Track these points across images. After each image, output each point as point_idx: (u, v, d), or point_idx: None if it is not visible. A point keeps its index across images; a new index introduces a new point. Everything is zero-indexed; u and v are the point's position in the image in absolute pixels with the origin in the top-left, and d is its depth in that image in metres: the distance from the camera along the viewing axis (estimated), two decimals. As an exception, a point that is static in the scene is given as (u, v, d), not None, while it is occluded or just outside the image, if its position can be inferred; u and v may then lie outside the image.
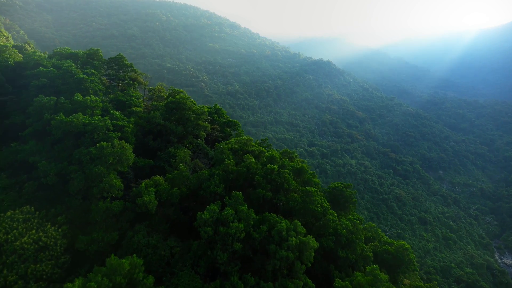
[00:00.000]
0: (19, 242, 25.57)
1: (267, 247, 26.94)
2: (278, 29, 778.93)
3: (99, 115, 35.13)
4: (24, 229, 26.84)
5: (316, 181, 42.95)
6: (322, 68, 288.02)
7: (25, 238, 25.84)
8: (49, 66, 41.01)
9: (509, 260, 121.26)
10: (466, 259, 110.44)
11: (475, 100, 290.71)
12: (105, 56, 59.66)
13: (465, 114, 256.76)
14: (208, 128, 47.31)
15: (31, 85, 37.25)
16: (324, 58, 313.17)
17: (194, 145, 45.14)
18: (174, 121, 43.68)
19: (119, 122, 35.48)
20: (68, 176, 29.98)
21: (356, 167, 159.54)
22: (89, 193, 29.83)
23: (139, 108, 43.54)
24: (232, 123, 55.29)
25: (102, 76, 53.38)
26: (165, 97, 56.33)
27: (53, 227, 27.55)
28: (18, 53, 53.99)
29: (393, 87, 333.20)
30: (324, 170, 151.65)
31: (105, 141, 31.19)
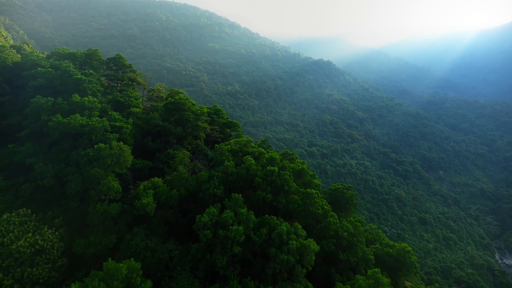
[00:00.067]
0: (15, 245, 25.25)
1: (267, 250, 26.54)
2: (278, 29, 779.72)
3: (97, 116, 34.70)
4: (21, 232, 26.50)
5: (317, 182, 42.50)
6: (322, 68, 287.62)
7: (21, 242, 25.49)
8: (47, 67, 40.60)
9: (509, 261, 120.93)
10: (467, 260, 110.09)
11: (475, 100, 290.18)
12: (105, 56, 59.29)
13: (466, 114, 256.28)
14: (208, 129, 46.92)
15: (28, 86, 36.84)
16: (324, 58, 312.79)
17: (194, 146, 44.75)
18: (173, 122, 43.27)
19: (117, 123, 35.06)
20: (65, 178, 29.60)
21: (356, 168, 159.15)
22: (86, 196, 29.44)
23: (137, 109, 43.13)
24: (231, 123, 54.88)
25: (101, 76, 52.96)
26: (164, 97, 55.93)
27: (50, 230, 27.19)
28: (16, 53, 53.72)
29: (393, 87, 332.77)
30: (324, 171, 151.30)
31: (103, 142, 30.79)
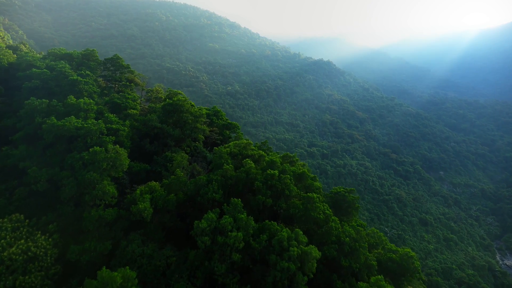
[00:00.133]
0: (7, 252, 24.52)
1: (267, 257, 25.76)
2: (278, 29, 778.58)
3: (93, 118, 33.86)
4: (13, 239, 25.76)
5: (318, 185, 41.73)
6: (322, 68, 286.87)
7: (13, 249, 24.75)
8: (42, 67, 39.76)
9: (510, 262, 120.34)
10: (468, 261, 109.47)
11: (475, 100, 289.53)
12: (105, 56, 58.39)
13: (466, 115, 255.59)
14: (207, 131, 46.10)
15: (23, 87, 35.99)
16: (324, 58, 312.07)
17: (192, 149, 43.94)
18: (172, 124, 42.44)
19: (113, 126, 34.20)
20: (60, 182, 28.80)
21: (356, 168, 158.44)
22: (81, 200, 28.64)
23: (135, 111, 42.26)
24: (231, 125, 54.04)
25: (98, 77, 52.09)
26: (163, 98, 55.14)
27: (43, 236, 26.41)
28: (12, 54, 52.89)
29: (393, 87, 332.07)
30: (324, 171, 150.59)
31: (98, 145, 29.97)
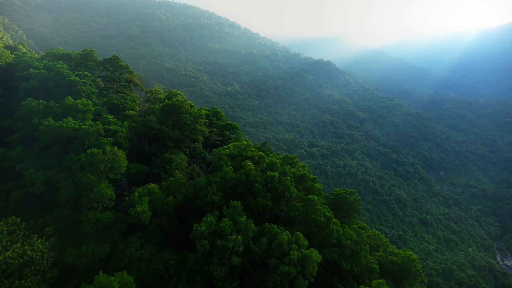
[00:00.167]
0: (2, 256, 24.09)
1: (268, 261, 25.35)
2: (278, 29, 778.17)
3: (91, 119, 33.43)
4: (9, 242, 25.33)
5: (318, 186, 41.32)
6: (322, 68, 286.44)
7: (9, 252, 24.31)
8: (40, 68, 39.36)
9: (511, 262, 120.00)
10: (468, 261, 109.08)
11: (475, 100, 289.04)
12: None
13: (466, 115, 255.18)
14: (206, 132, 45.68)
15: (20, 88, 35.58)
16: (324, 58, 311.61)
17: (192, 150, 43.53)
18: (171, 125, 42.05)
19: (111, 127, 33.80)
20: (57, 184, 28.37)
21: (356, 168, 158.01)
22: (78, 203, 28.21)
23: (133, 112, 41.86)
24: (231, 126, 53.64)
25: (97, 77, 51.67)
26: (162, 98, 54.70)
27: (40, 240, 25.99)
28: (10, 54, 52.42)
29: (393, 87, 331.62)
30: (324, 171, 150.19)
31: (96, 147, 29.55)
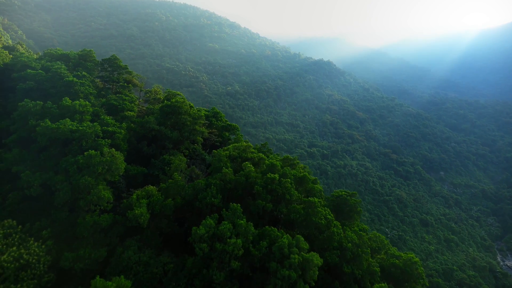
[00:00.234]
0: (-2, 260, 23.63)
1: (268, 265, 24.97)
2: (278, 29, 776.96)
3: (89, 120, 33.02)
4: (5, 246, 24.98)
5: (319, 188, 40.95)
6: (323, 68, 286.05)
7: (4, 256, 23.98)
8: (38, 68, 38.94)
9: (511, 262, 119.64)
10: (468, 262, 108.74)
11: (476, 100, 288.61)
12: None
13: (466, 115, 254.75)
14: (205, 133, 45.27)
15: (17, 89, 35.18)
16: (324, 58, 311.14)
17: (191, 151, 43.14)
18: (170, 126, 41.64)
19: (110, 128, 33.37)
20: (54, 187, 27.97)
21: (357, 168, 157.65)
22: (76, 206, 27.81)
23: (132, 113, 41.45)
24: (230, 126, 53.23)
25: (95, 78, 51.24)
26: (161, 99, 54.31)
27: (36, 243, 25.61)
28: (8, 54, 52.02)
29: (393, 87, 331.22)
30: (324, 172, 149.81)
31: (94, 149, 29.14)
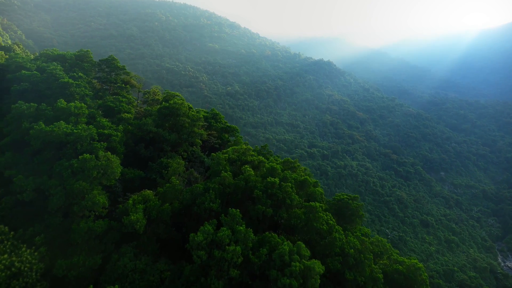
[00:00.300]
0: (-12, 269, 22.83)
1: (268, 273, 24.16)
2: (278, 29, 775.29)
3: (84, 123, 32.20)
4: (-4, 253, 24.10)
5: (320, 191, 40.19)
6: (323, 69, 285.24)
7: (-5, 264, 23.09)
8: (33, 69, 38.12)
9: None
10: (469, 263, 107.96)
11: (476, 100, 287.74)
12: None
13: (467, 115, 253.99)
14: (204, 135, 44.42)
15: (11, 90, 34.35)
16: (325, 58, 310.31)
17: (189, 153, 42.33)
18: (168, 128, 40.81)
19: (106, 131, 32.54)
20: (47, 191, 27.16)
21: (357, 169, 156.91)
22: (70, 211, 26.98)
23: (129, 115, 40.60)
24: (230, 128, 52.40)
25: (93, 79, 50.40)
26: (160, 100, 53.51)
27: (29, 250, 24.79)
28: (4, 55, 51.20)
29: (393, 88, 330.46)
30: (324, 172, 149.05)
31: (89, 152, 28.32)
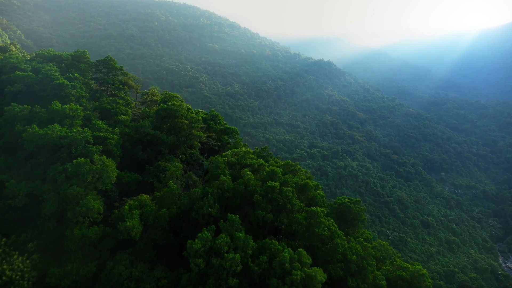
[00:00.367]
0: (-22, 277, 22.05)
1: (268, 281, 23.40)
2: (278, 29, 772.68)
3: (80, 125, 31.36)
4: (-14, 262, 23.30)
5: (321, 194, 39.42)
6: (323, 69, 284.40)
7: (-15, 273, 22.29)
8: (28, 70, 37.27)
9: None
10: (470, 264, 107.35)
11: (476, 100, 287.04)
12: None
13: (467, 115, 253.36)
14: (203, 138, 43.59)
15: (5, 92, 33.52)
16: (325, 59, 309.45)
17: (188, 156, 41.53)
18: (166, 130, 39.97)
19: (101, 134, 31.71)
20: (41, 196, 26.33)
21: (357, 169, 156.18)
22: (64, 217, 26.16)
23: (126, 117, 39.76)
24: (229, 130, 51.61)
25: (90, 80, 49.53)
26: (159, 101, 52.69)
27: (21, 258, 23.97)
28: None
29: (394, 88, 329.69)
30: (325, 172, 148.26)
31: (84, 156, 27.50)
